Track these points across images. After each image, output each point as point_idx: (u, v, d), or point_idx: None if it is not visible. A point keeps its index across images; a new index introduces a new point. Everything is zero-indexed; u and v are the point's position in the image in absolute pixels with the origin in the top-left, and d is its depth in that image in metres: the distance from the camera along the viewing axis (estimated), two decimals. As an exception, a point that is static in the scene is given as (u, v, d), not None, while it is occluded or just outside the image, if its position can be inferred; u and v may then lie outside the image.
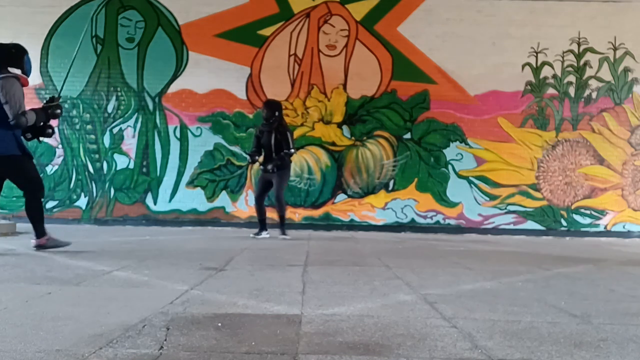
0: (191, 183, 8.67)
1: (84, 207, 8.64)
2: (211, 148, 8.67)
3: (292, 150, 6.89)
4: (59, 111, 4.95)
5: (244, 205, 8.64)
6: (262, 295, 3.06)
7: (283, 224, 7.00)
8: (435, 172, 8.68)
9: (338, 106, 8.68)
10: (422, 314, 2.68)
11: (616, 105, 8.74)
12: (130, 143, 8.69)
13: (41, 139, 5.06)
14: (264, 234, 6.93)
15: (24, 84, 4.80)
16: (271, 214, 7.35)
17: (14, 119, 4.61)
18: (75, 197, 8.64)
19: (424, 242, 7.05)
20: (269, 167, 6.84)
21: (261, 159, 7.01)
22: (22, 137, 4.80)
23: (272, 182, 6.94)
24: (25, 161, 4.78)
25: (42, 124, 4.88)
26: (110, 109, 8.69)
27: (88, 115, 8.70)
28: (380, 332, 2.29)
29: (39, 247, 4.83)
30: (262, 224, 7.00)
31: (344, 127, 8.69)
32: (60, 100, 5.11)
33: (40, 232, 4.84)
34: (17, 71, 4.74)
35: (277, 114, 6.92)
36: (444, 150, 8.67)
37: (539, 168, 8.71)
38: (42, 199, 4.94)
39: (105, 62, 8.71)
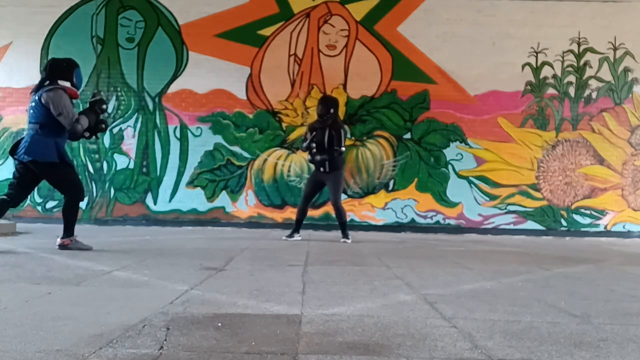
0: (191, 183, 8.68)
1: (84, 207, 8.62)
2: (211, 148, 8.67)
3: (343, 148, 6.55)
4: (105, 106, 5.29)
5: (244, 205, 8.64)
6: (262, 295, 3.06)
7: (344, 230, 6.68)
8: (435, 172, 8.68)
9: (338, 106, 8.66)
10: (422, 314, 2.68)
11: (616, 105, 8.74)
12: (130, 143, 8.69)
13: (98, 135, 5.46)
14: (297, 237, 6.69)
15: (73, 95, 5.10)
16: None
17: (71, 127, 4.95)
18: (75, 197, 8.62)
19: (424, 242, 7.05)
20: (318, 158, 6.50)
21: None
22: (64, 146, 5.12)
23: (325, 184, 6.69)
24: (64, 168, 5.03)
25: (95, 122, 5.22)
26: (110, 109, 8.68)
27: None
28: (380, 332, 2.29)
29: (63, 247, 5.01)
30: (297, 225, 6.77)
31: (344, 127, 8.67)
32: (101, 94, 5.43)
33: (69, 233, 5.05)
34: (67, 84, 5.02)
35: (332, 110, 6.59)
36: (444, 150, 8.67)
37: (539, 168, 8.71)
38: (81, 201, 5.23)
39: (105, 62, 8.72)
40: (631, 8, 8.74)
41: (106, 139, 8.68)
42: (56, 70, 5.02)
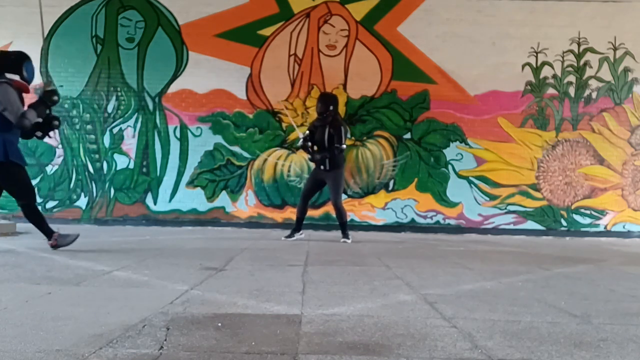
0: (191, 183, 8.67)
1: (84, 207, 8.64)
2: (211, 148, 8.67)
3: (343, 146, 6.47)
4: (55, 97, 4.95)
5: (244, 205, 8.64)
6: (262, 295, 3.06)
7: (345, 230, 6.64)
8: (435, 172, 8.68)
9: (338, 106, 8.66)
10: (422, 314, 2.68)
11: (616, 105, 8.74)
12: (130, 143, 8.69)
13: (51, 133, 5.12)
14: (298, 235, 6.63)
15: (23, 89, 4.85)
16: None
17: (18, 123, 4.67)
18: (75, 197, 8.63)
19: (424, 242, 7.05)
20: (317, 157, 6.45)
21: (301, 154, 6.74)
22: (16, 143, 4.81)
23: (325, 183, 6.60)
24: (12, 168, 4.76)
25: (45, 117, 4.91)
26: (110, 109, 8.69)
27: (88, 115, 8.70)
28: (380, 332, 2.29)
29: (55, 246, 4.91)
30: (298, 223, 6.69)
31: (345, 124, 8.67)
32: (52, 84, 5.15)
33: (48, 232, 4.90)
34: (15, 77, 4.79)
35: (331, 108, 6.51)
36: (444, 150, 8.67)
37: (539, 168, 8.71)
38: (36, 203, 4.96)
39: (105, 62, 8.71)
40: (631, 8, 8.74)
41: (106, 139, 8.68)
42: (3, 63, 4.79)
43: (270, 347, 2.03)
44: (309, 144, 6.57)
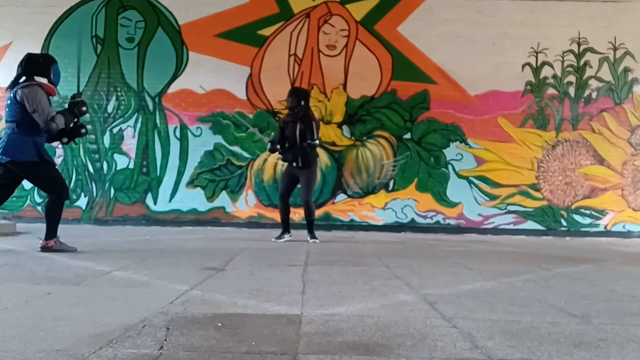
0: (191, 183, 8.67)
1: (84, 207, 8.64)
2: (211, 148, 8.67)
3: (316, 142, 6.35)
4: (84, 108, 5.05)
5: (244, 205, 8.64)
6: (262, 295, 3.06)
7: (312, 229, 6.54)
8: (435, 172, 8.68)
9: (338, 106, 8.68)
10: (422, 314, 2.68)
11: (616, 105, 8.73)
12: (130, 143, 8.69)
13: (76, 140, 5.26)
14: (287, 237, 6.48)
15: (50, 92, 4.91)
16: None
17: (45, 125, 4.74)
18: (75, 197, 8.63)
19: (424, 242, 7.04)
20: (289, 156, 6.34)
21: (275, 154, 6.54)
22: (44, 144, 4.93)
23: (299, 179, 6.46)
24: (44, 167, 4.87)
25: (72, 124, 5.02)
26: (110, 109, 8.69)
27: (88, 115, 8.67)
28: (380, 332, 2.29)
29: (45, 248, 4.83)
30: (285, 225, 6.55)
31: (344, 127, 8.69)
32: (82, 96, 5.28)
33: (52, 234, 4.88)
34: (44, 80, 4.84)
35: (302, 103, 6.39)
36: (444, 150, 8.67)
37: (539, 168, 8.71)
38: (66, 200, 5.03)
39: (105, 62, 8.71)
40: (631, 8, 8.74)
41: (106, 139, 8.68)
42: (32, 66, 4.83)
43: (270, 347, 2.03)
44: (278, 146, 6.50)
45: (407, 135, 8.69)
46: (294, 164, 6.39)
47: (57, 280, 3.38)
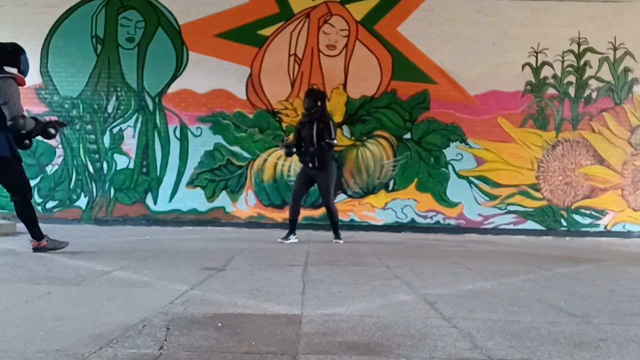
0: (191, 183, 8.67)
1: (84, 207, 8.64)
2: (211, 148, 8.67)
3: (334, 141, 6.32)
4: (53, 132, 4.91)
5: (244, 205, 8.64)
6: (262, 295, 3.06)
7: (336, 229, 6.52)
8: (435, 172, 8.68)
9: (338, 106, 8.68)
10: (422, 314, 2.68)
11: (616, 105, 8.73)
12: (130, 143, 8.69)
13: (40, 138, 5.06)
14: (293, 239, 6.37)
15: (21, 83, 4.77)
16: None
17: (13, 120, 4.56)
18: (75, 197, 8.63)
19: (424, 242, 7.04)
20: (307, 158, 6.30)
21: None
22: (13, 140, 4.74)
23: (316, 181, 6.42)
24: (15, 163, 4.73)
25: (36, 133, 4.85)
26: (110, 109, 8.69)
27: (88, 115, 8.70)
28: (380, 332, 2.29)
29: (38, 249, 4.78)
30: (292, 225, 6.44)
31: (344, 127, 8.68)
32: (64, 127, 5.19)
33: (38, 233, 4.79)
34: (14, 70, 4.71)
35: (319, 103, 6.38)
36: (444, 150, 8.67)
37: (539, 168, 8.71)
38: (32, 199, 4.89)
39: (105, 62, 8.71)
40: (631, 8, 8.74)
41: (106, 139, 8.68)
42: (2, 56, 4.68)
43: (270, 347, 2.03)
44: (294, 149, 6.49)
45: (407, 135, 8.69)
46: (310, 164, 6.38)
47: (57, 280, 3.38)
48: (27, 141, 4.83)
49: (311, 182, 6.54)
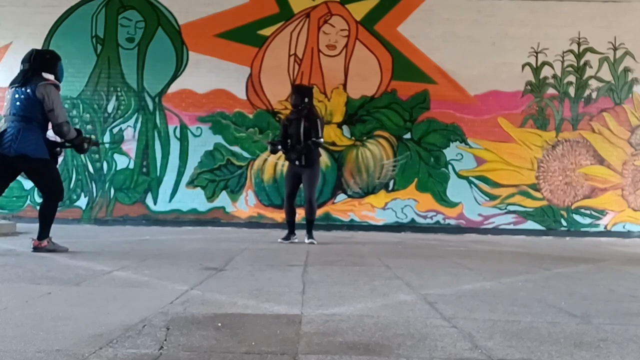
0: (191, 183, 8.67)
1: (84, 207, 8.64)
2: (211, 148, 8.67)
3: (321, 140, 6.20)
4: (86, 147, 5.11)
5: (244, 205, 8.64)
6: (262, 295, 3.06)
7: (311, 229, 6.36)
8: (435, 172, 8.68)
9: (338, 106, 8.68)
10: (422, 314, 2.68)
11: (616, 105, 8.74)
12: (130, 143, 8.68)
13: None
14: (293, 239, 6.30)
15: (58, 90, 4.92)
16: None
17: (59, 126, 4.75)
18: (75, 197, 8.63)
19: (424, 242, 7.04)
20: (293, 156, 6.18)
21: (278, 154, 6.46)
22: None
23: (301, 177, 6.27)
24: (52, 166, 4.90)
25: (67, 145, 5.03)
26: (110, 109, 8.69)
27: (88, 115, 8.70)
28: (380, 332, 2.29)
29: (38, 249, 4.81)
30: (290, 226, 6.34)
31: (344, 127, 8.69)
32: (97, 146, 5.32)
33: (45, 234, 4.85)
34: (51, 77, 4.82)
35: (306, 100, 6.23)
36: (444, 150, 8.67)
37: (539, 168, 8.71)
38: (63, 202, 5.11)
39: (105, 62, 8.71)
40: (631, 8, 8.74)
41: (106, 139, 8.68)
42: (40, 62, 4.79)
43: (270, 347, 2.03)
44: (279, 146, 6.39)
45: (407, 135, 8.69)
46: (297, 162, 6.25)
47: (57, 280, 3.38)
48: (58, 149, 4.99)
49: (300, 180, 6.39)
